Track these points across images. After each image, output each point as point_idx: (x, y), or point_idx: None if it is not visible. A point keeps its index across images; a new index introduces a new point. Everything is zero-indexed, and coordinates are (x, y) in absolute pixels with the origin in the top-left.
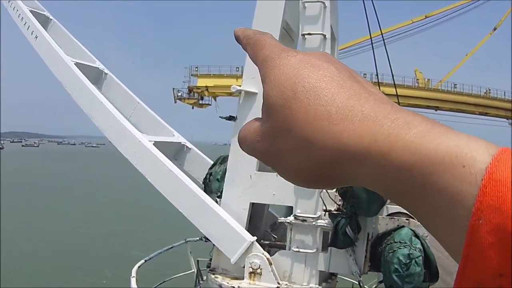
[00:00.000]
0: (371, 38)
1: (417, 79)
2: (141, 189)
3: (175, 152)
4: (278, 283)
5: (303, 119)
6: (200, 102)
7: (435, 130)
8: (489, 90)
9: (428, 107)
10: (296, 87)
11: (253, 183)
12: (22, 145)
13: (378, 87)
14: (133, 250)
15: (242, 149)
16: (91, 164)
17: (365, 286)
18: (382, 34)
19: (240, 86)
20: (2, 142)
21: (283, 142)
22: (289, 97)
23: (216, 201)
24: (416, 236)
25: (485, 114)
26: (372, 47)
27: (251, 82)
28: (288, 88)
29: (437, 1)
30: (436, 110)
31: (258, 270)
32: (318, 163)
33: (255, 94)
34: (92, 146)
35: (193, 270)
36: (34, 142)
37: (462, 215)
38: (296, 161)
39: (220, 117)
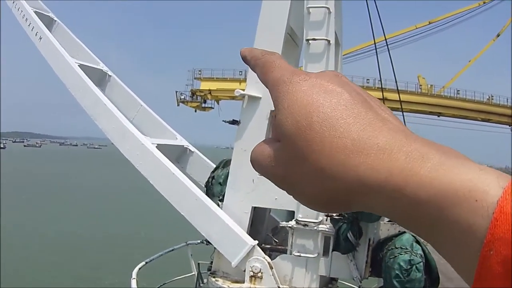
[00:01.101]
0: (375, 43)
1: (420, 85)
2: (143, 191)
3: (178, 155)
4: (279, 287)
5: (318, 150)
6: (203, 105)
7: (449, 163)
8: (492, 96)
9: (431, 113)
10: (311, 117)
11: (255, 187)
12: (24, 145)
13: (381, 92)
14: (134, 252)
15: (255, 169)
16: (92, 165)
17: None
18: (386, 39)
19: (243, 90)
20: (4, 142)
21: (298, 170)
22: (304, 127)
23: (218, 205)
24: (417, 242)
25: (488, 120)
26: (376, 52)
27: (255, 86)
28: (302, 118)
29: (441, 7)
30: (438, 116)
31: (259, 274)
32: (333, 192)
33: (258, 98)
34: (94, 148)
35: (193, 273)
36: (36, 143)
37: (474, 246)
38: (311, 188)
39: (223, 121)
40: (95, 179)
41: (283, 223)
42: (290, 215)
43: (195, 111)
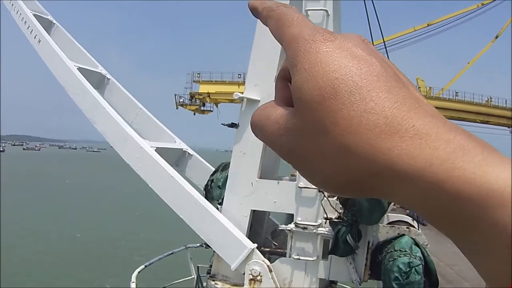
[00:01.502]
0: (373, 45)
1: (419, 87)
2: (142, 194)
3: (177, 158)
4: None
5: (344, 125)
6: (202, 108)
7: (492, 160)
8: (491, 98)
9: None
10: (337, 85)
11: (254, 190)
12: (23, 149)
13: None
14: (133, 255)
15: (257, 137)
16: (92, 168)
17: None
18: (384, 41)
19: (242, 93)
20: (3, 145)
21: (315, 145)
22: (329, 95)
23: (217, 208)
24: (417, 244)
25: (486, 122)
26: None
27: (254, 89)
28: (327, 84)
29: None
30: None
31: (258, 277)
32: (356, 174)
33: (257, 101)
34: (93, 151)
35: (193, 276)
36: (35, 146)
37: None
38: (328, 167)
39: (222, 124)
40: (95, 182)
41: (282, 226)
42: (289, 218)
43: (194, 114)
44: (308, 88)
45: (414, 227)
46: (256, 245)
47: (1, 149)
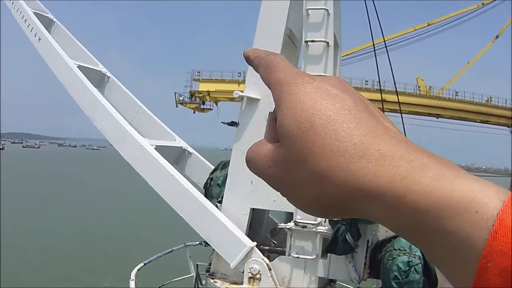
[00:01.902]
0: (373, 45)
1: (419, 87)
2: (142, 192)
3: (177, 157)
4: None
5: (319, 153)
6: (202, 106)
7: (450, 174)
8: (491, 98)
9: (429, 114)
10: (313, 119)
11: (253, 188)
12: (23, 146)
13: (380, 94)
14: (132, 253)
15: (250, 170)
16: (91, 166)
17: None
18: (384, 41)
19: (242, 92)
20: (2, 143)
21: (296, 173)
22: (306, 129)
23: (217, 206)
24: None
25: (486, 122)
26: (375, 54)
27: (254, 88)
28: (305, 119)
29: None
30: (437, 117)
31: (258, 276)
32: (332, 197)
33: (257, 100)
34: (93, 149)
35: (192, 274)
36: (35, 144)
37: (472, 257)
38: (309, 193)
39: (222, 122)
40: (94, 181)
41: (282, 225)
42: (289, 216)
43: (194, 112)
44: (289, 124)
45: None
46: (255, 243)
47: (1, 147)
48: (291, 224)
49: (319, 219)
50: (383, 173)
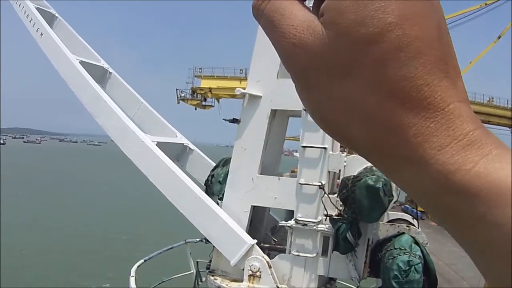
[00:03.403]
0: None
1: None
2: (143, 188)
3: (178, 153)
4: (277, 287)
5: (374, 80)
6: (203, 103)
7: (505, 155)
8: (492, 98)
9: None
10: (390, 30)
11: (254, 186)
12: (24, 141)
13: None
14: (133, 249)
15: (258, 22)
16: (92, 162)
17: None
18: None
19: (244, 89)
20: (4, 138)
21: (332, 84)
22: (376, 41)
23: (218, 203)
24: (416, 243)
25: (488, 122)
26: None
27: (256, 85)
28: (380, 26)
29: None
30: None
31: (258, 273)
32: (362, 131)
33: (259, 97)
34: (94, 144)
35: (192, 271)
36: (36, 139)
37: None
38: (333, 106)
39: (224, 119)
40: (95, 176)
41: (282, 223)
42: (289, 214)
43: (195, 109)
44: (352, 21)
45: (414, 225)
46: (256, 241)
47: (2, 142)
48: (291, 222)
49: (319, 217)
50: (436, 139)
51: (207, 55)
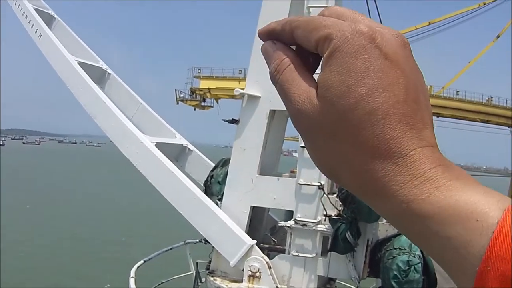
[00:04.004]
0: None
1: None
2: (142, 189)
3: (177, 154)
4: (277, 287)
5: (353, 142)
6: (202, 104)
7: (457, 186)
8: (491, 97)
9: None
10: (361, 102)
11: (254, 186)
12: (23, 143)
13: None
14: (132, 250)
15: (274, 85)
16: (91, 163)
17: None
18: None
19: (243, 89)
20: (3, 139)
21: (326, 141)
22: (351, 109)
23: (217, 204)
24: None
25: (487, 121)
26: None
27: (254, 85)
28: (353, 98)
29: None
30: (437, 116)
31: (257, 274)
32: (349, 178)
33: (258, 97)
34: (93, 145)
35: (192, 272)
36: (35, 140)
37: (472, 261)
38: (328, 156)
39: (223, 120)
40: (94, 177)
41: (282, 223)
42: (288, 214)
43: (194, 109)
44: (335, 94)
45: None
46: (255, 241)
47: (1, 143)
48: (291, 222)
49: (319, 217)
50: (399, 178)
51: (206, 54)
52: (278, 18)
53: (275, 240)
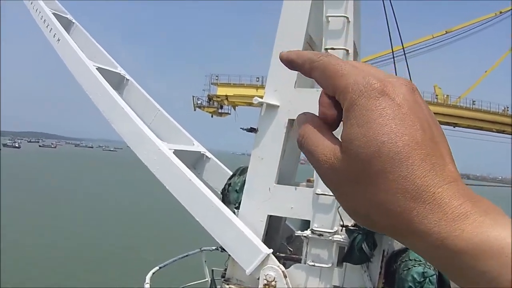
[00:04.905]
0: (392, 52)
1: (436, 95)
2: (158, 195)
3: (195, 161)
4: None
5: (383, 186)
6: (220, 111)
7: (487, 222)
8: (507, 107)
9: (446, 123)
10: (382, 148)
11: (271, 195)
12: (39, 146)
13: None
14: (148, 256)
15: (302, 151)
16: (108, 168)
17: None
18: (403, 48)
19: (261, 97)
20: (18, 142)
21: (353, 190)
22: (374, 156)
23: (234, 212)
24: None
25: (503, 132)
26: (394, 61)
27: (273, 94)
28: (374, 146)
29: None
30: (454, 126)
31: (273, 283)
32: (381, 222)
33: (276, 107)
34: (110, 150)
35: (207, 279)
36: (52, 143)
37: None
38: (359, 206)
39: (241, 128)
40: (110, 182)
41: (299, 232)
42: (304, 223)
43: (212, 116)
44: (358, 146)
45: None
46: (271, 250)
47: (17, 145)
48: (307, 232)
49: (335, 228)
50: (432, 216)
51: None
52: (297, 26)
53: (291, 250)
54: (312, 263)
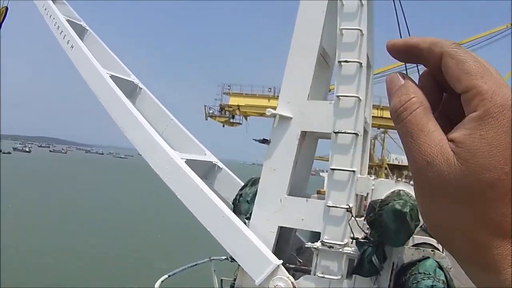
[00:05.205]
0: (405, 65)
1: None
2: (169, 204)
3: (206, 171)
4: None
5: (489, 224)
6: (231, 120)
7: None
8: None
9: None
10: (495, 184)
11: (282, 207)
12: (50, 151)
13: None
14: (157, 265)
15: (399, 124)
16: (118, 175)
17: None
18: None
19: (274, 109)
20: (29, 146)
21: (451, 214)
22: (486, 189)
23: (245, 223)
24: (441, 267)
25: None
26: (406, 72)
27: (286, 106)
28: (488, 179)
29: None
30: None
31: None
32: (466, 245)
33: (289, 118)
34: (120, 157)
35: None
36: (62, 149)
37: None
38: (451, 229)
39: (254, 139)
40: (120, 190)
41: (309, 244)
42: (314, 235)
43: (223, 126)
44: (482, 164)
45: (439, 250)
46: (281, 261)
47: (27, 150)
48: (318, 244)
49: (345, 240)
50: (510, 258)
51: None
52: (311, 39)
53: (301, 261)
54: (322, 275)
